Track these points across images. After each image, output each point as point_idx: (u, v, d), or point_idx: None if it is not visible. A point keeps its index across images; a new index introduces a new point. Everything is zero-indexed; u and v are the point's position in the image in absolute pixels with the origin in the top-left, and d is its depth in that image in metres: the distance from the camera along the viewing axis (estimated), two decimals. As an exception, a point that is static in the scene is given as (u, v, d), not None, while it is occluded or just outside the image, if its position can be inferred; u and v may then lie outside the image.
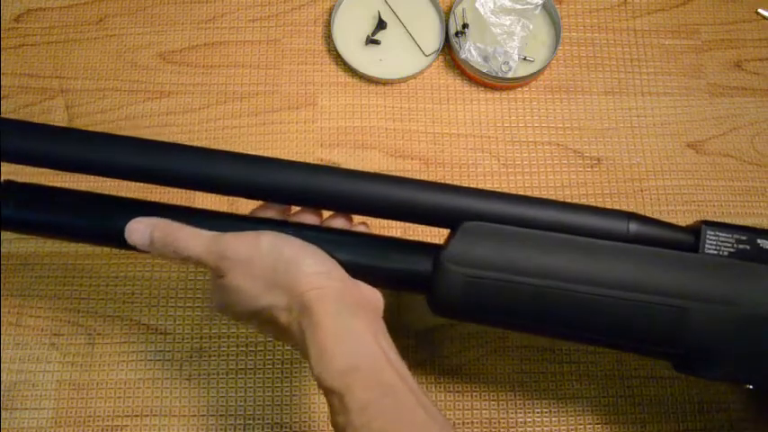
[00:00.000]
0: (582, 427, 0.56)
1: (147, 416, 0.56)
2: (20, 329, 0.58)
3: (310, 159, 0.62)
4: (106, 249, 0.60)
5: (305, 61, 0.66)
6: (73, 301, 0.58)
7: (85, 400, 0.56)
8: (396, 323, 0.58)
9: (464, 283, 0.43)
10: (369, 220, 0.46)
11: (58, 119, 0.63)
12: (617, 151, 0.64)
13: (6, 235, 0.60)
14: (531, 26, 0.66)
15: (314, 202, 0.45)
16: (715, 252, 0.44)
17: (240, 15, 0.67)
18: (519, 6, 0.66)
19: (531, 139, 0.64)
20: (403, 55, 0.65)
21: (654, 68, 0.67)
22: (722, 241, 0.44)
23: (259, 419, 0.56)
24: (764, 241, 0.44)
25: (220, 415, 0.56)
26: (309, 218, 0.46)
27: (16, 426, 0.55)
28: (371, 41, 0.66)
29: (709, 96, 0.66)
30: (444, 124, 0.64)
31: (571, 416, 0.57)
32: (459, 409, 0.56)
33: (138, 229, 0.43)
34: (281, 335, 0.44)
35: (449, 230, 0.44)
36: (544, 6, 0.66)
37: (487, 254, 0.43)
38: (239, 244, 0.42)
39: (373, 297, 0.44)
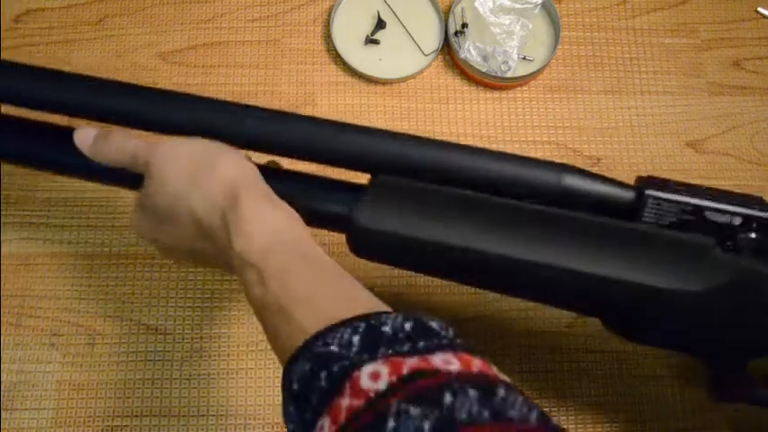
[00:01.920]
0: (582, 426, 0.56)
1: (147, 416, 0.56)
2: (20, 329, 0.58)
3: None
4: (105, 249, 0.60)
5: (304, 61, 0.66)
6: (73, 301, 0.59)
7: (85, 401, 0.56)
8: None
9: (377, 240, 0.42)
10: (287, 161, 0.46)
11: (58, 118, 0.63)
12: (616, 150, 0.64)
13: (6, 235, 0.60)
14: (531, 25, 0.66)
15: (238, 140, 0.44)
16: (653, 222, 0.41)
17: (239, 15, 0.67)
18: (518, 6, 0.66)
19: (530, 139, 0.64)
20: (402, 55, 0.65)
21: (653, 67, 0.67)
22: (665, 211, 0.41)
23: (259, 419, 0.56)
24: (712, 213, 0.41)
25: (220, 415, 0.56)
26: None
27: (16, 426, 0.55)
28: (371, 41, 0.66)
29: (709, 95, 0.66)
30: (444, 124, 0.64)
31: (571, 415, 0.57)
32: (459, 409, 0.56)
33: (84, 131, 0.45)
34: (197, 240, 0.43)
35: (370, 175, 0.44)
36: (543, 5, 0.66)
37: (400, 214, 0.42)
38: (172, 141, 0.43)
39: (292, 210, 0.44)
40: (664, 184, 0.43)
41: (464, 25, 0.65)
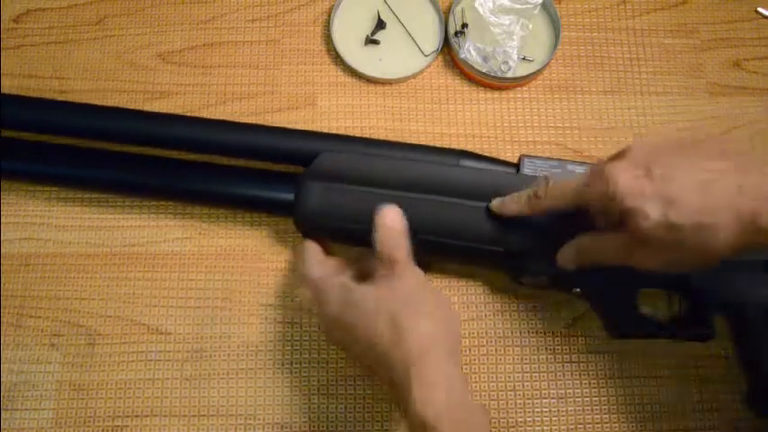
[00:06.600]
0: (582, 426, 0.56)
1: (147, 416, 0.56)
2: (20, 330, 0.58)
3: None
4: (106, 249, 0.60)
5: (304, 61, 0.66)
6: (73, 301, 0.59)
7: (85, 401, 0.56)
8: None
9: (321, 193, 0.53)
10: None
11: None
12: (616, 150, 0.64)
13: (6, 235, 0.60)
14: (531, 26, 0.66)
15: (193, 147, 0.56)
16: (531, 173, 0.54)
17: (239, 15, 0.67)
18: (518, 6, 0.66)
19: (530, 139, 0.64)
20: (402, 55, 0.65)
21: (653, 68, 0.67)
22: (538, 166, 0.54)
23: (259, 419, 0.56)
24: (574, 166, 0.54)
25: (221, 415, 0.56)
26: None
27: (16, 426, 0.55)
28: (371, 41, 0.66)
29: (709, 95, 0.66)
30: (444, 124, 0.64)
31: (571, 416, 0.57)
32: (459, 409, 0.56)
33: (390, 215, 0.49)
34: (366, 359, 0.47)
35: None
36: (543, 5, 0.66)
37: (340, 171, 0.53)
38: (417, 288, 0.48)
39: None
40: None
41: (464, 25, 0.65)
